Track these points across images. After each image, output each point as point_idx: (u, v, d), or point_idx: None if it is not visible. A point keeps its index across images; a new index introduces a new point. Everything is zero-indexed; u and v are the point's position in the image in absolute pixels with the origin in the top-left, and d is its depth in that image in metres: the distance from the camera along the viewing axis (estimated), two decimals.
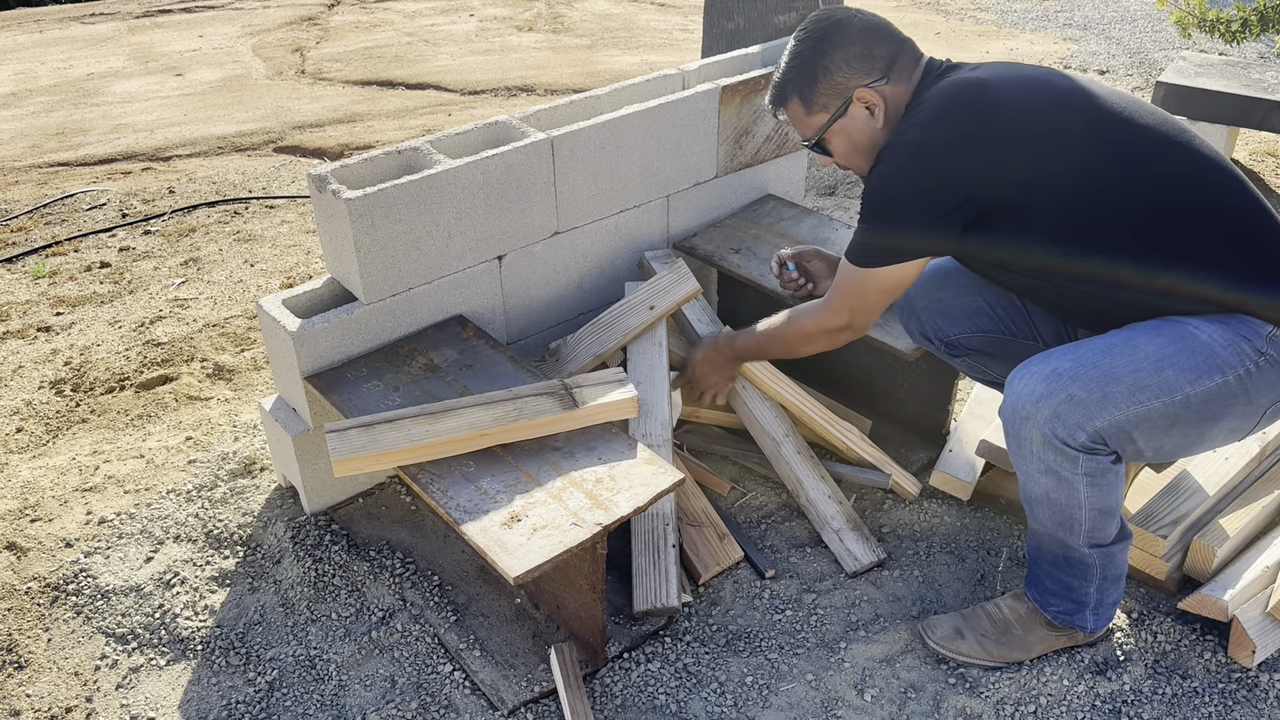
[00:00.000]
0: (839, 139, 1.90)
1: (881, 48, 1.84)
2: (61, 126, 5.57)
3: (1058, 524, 1.78)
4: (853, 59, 1.84)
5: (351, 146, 5.07)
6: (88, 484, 2.49)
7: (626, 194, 2.60)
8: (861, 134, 1.88)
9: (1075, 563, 1.83)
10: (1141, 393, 1.63)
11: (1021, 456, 1.74)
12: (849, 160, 1.93)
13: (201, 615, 2.10)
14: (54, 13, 8.63)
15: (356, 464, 1.86)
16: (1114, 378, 1.64)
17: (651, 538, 2.10)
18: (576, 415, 1.95)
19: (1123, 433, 1.66)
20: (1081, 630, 1.92)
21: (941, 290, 2.11)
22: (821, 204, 4.01)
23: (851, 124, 1.87)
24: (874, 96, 1.84)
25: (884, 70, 1.84)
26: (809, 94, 1.88)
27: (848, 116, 1.87)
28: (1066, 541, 1.80)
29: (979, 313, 2.08)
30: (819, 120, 1.90)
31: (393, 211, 2.13)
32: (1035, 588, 1.93)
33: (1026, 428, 1.69)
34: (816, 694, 1.91)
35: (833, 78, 1.85)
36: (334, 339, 2.16)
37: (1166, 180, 1.68)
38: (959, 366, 2.22)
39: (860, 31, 1.85)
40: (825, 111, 1.88)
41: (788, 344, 2.09)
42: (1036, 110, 1.71)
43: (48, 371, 3.03)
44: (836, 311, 1.95)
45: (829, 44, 1.84)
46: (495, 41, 7.12)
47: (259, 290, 3.53)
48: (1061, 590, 1.88)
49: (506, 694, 1.90)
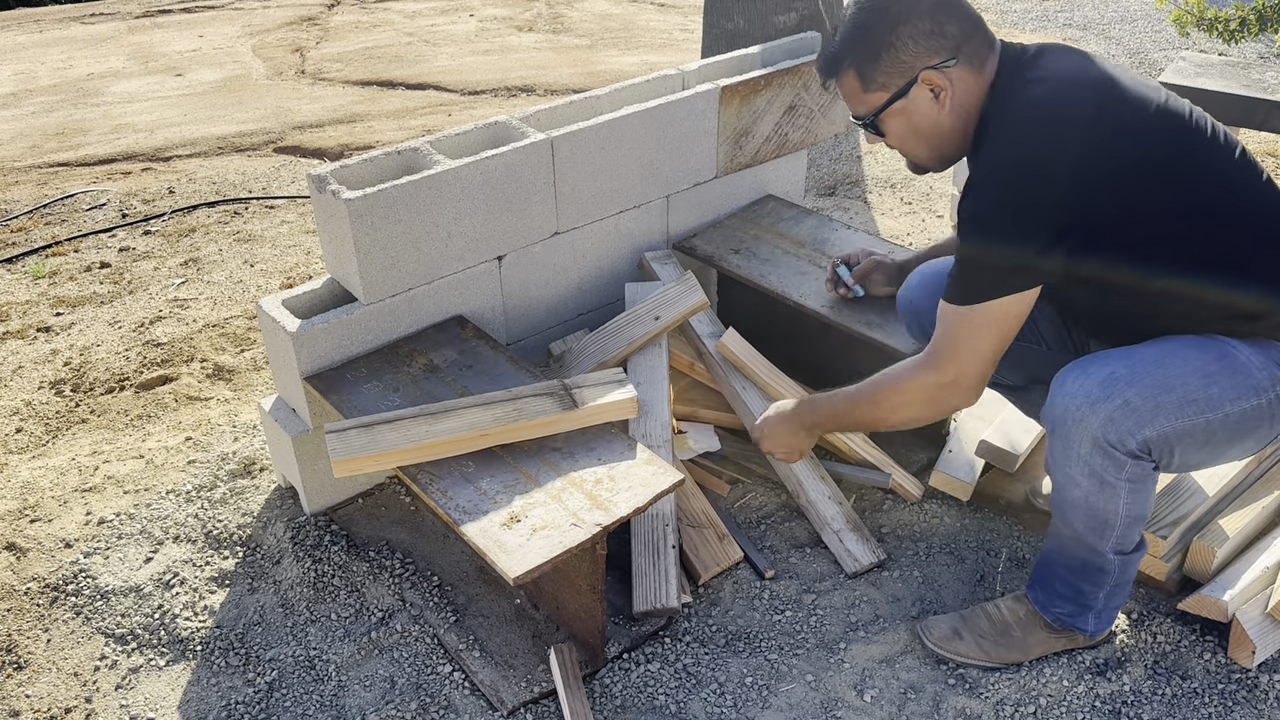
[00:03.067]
0: (896, 121, 1.74)
1: (954, 25, 1.66)
2: (61, 127, 5.57)
3: (1090, 528, 1.74)
4: (921, 35, 1.65)
5: (351, 147, 5.07)
6: (87, 484, 2.49)
7: (626, 194, 2.60)
8: (923, 119, 1.71)
9: (1094, 569, 1.80)
10: (1190, 406, 1.61)
11: (1066, 458, 1.68)
12: (904, 145, 1.78)
13: (201, 616, 2.10)
14: (54, 13, 8.63)
15: (356, 464, 1.86)
16: (1167, 388, 1.61)
17: (651, 538, 2.10)
18: (576, 416, 1.95)
19: (1167, 443, 1.64)
20: (1082, 633, 1.92)
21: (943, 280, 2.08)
22: (821, 204, 4.01)
23: (913, 107, 1.70)
24: (942, 80, 1.67)
25: (954, 51, 1.66)
26: (869, 69, 1.70)
27: (909, 98, 1.69)
28: (1095, 547, 1.77)
29: None
30: (876, 99, 1.72)
31: (392, 212, 2.13)
32: (1040, 589, 1.92)
33: (1078, 430, 1.64)
34: (816, 694, 1.91)
35: (897, 55, 1.67)
36: (334, 339, 2.16)
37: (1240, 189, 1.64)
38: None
39: (932, 5, 1.66)
40: (884, 90, 1.70)
41: (877, 411, 1.80)
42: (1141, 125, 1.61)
43: (47, 372, 3.02)
44: (940, 366, 1.69)
45: (897, 16, 1.66)
46: (495, 42, 7.12)
47: (259, 290, 3.52)
48: (1070, 594, 1.87)
49: (506, 694, 1.90)
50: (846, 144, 4.59)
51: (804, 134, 2.92)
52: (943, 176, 4.19)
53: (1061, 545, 1.84)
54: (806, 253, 2.67)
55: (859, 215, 3.91)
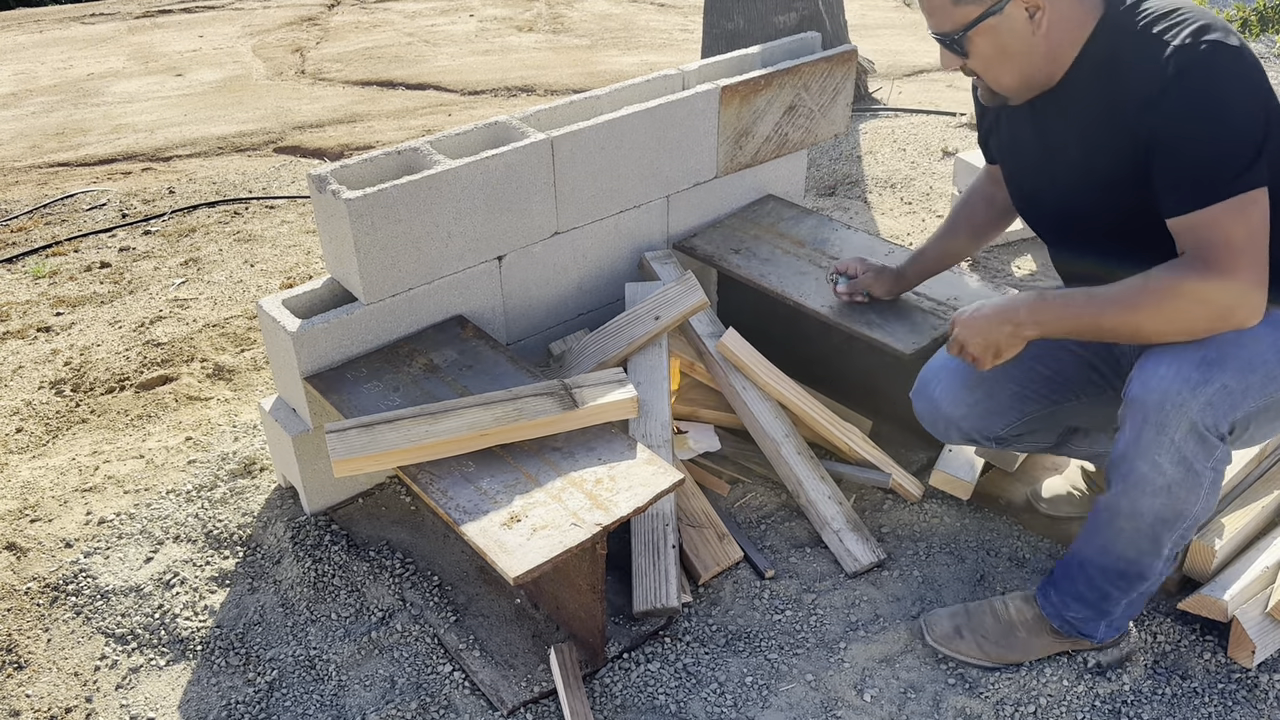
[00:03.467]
0: (985, 40, 1.62)
1: None
2: (61, 127, 5.57)
3: (1160, 519, 1.67)
4: None
5: (351, 147, 5.07)
6: (87, 484, 2.49)
7: (626, 194, 2.60)
8: (1015, 40, 1.60)
9: (1135, 574, 1.76)
10: (1271, 383, 1.58)
11: (1157, 446, 1.60)
12: (988, 68, 1.66)
13: (201, 615, 2.10)
14: (54, 13, 8.63)
15: (356, 464, 1.86)
16: (1251, 367, 1.56)
17: (651, 538, 2.10)
18: (576, 416, 1.95)
19: (1247, 422, 1.61)
20: (1090, 638, 1.89)
21: (973, 394, 1.97)
22: (821, 204, 4.01)
23: (1005, 25, 1.59)
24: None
25: None
26: None
27: (1003, 14, 1.58)
28: (1158, 540, 1.70)
29: (1017, 399, 1.97)
30: (967, 13, 1.60)
31: (392, 212, 2.13)
32: (1056, 592, 1.87)
33: (1176, 415, 1.56)
34: (816, 694, 1.91)
35: None
36: (334, 339, 2.16)
37: None
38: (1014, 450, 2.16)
39: None
40: (978, 4, 1.58)
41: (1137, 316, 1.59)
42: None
43: (48, 372, 3.03)
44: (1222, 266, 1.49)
45: None
46: (495, 42, 7.12)
47: (259, 290, 3.53)
48: (1093, 598, 1.82)
49: (506, 694, 1.90)
50: (846, 144, 4.59)
51: (804, 134, 2.92)
52: (943, 176, 4.19)
53: (1105, 546, 1.76)
54: (806, 253, 2.68)
55: (859, 215, 3.91)
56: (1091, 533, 1.79)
